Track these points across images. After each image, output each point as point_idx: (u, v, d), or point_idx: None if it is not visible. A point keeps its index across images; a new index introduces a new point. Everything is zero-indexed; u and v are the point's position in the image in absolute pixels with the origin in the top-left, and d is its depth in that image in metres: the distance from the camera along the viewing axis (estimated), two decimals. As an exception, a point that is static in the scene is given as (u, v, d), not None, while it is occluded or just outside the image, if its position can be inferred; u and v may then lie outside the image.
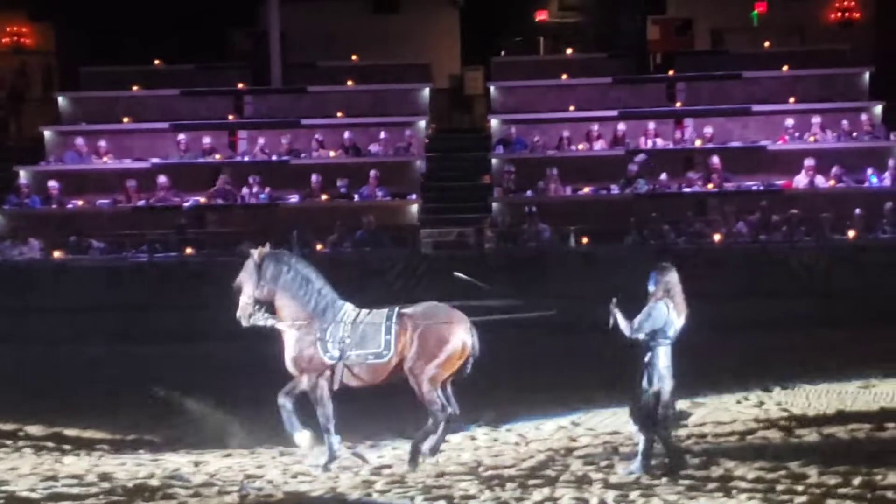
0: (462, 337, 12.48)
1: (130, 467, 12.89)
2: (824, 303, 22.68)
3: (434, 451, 12.55)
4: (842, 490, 11.13)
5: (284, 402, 12.62)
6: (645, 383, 11.67)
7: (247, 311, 12.70)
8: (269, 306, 12.76)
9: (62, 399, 16.91)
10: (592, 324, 12.02)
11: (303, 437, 12.64)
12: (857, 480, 11.39)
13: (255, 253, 12.74)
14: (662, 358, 11.64)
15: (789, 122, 28.15)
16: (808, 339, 20.73)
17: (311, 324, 12.55)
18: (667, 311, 11.58)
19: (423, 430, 12.55)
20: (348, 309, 12.66)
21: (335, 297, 12.68)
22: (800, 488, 11.21)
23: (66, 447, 13.96)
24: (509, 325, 12.89)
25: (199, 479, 12.35)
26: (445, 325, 12.47)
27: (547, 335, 13.09)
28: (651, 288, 11.72)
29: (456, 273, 13.09)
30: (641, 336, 11.61)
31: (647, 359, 11.66)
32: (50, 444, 14.11)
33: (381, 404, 14.24)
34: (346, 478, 12.21)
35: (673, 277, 11.72)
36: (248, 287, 12.69)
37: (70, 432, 14.77)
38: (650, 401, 11.61)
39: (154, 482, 12.22)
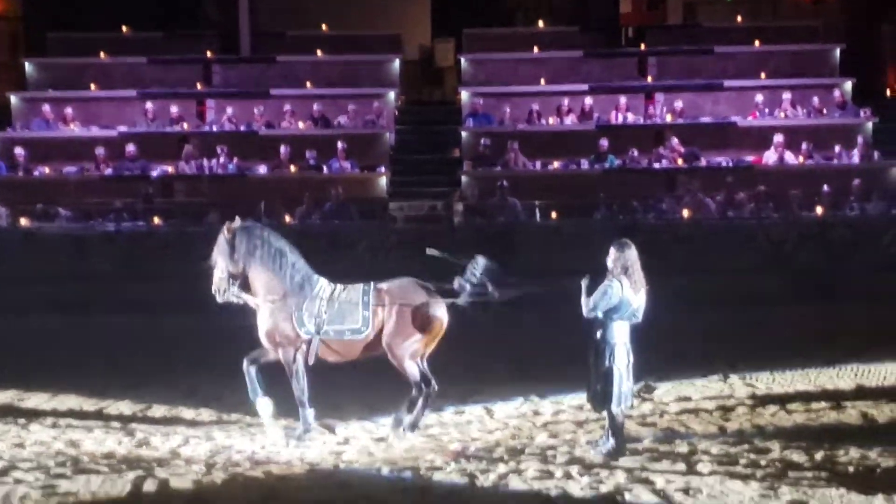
0: (441, 313, 12.51)
1: (98, 436, 12.88)
2: (791, 279, 22.76)
3: (414, 425, 12.58)
4: (804, 465, 11.24)
5: (249, 367, 12.65)
6: (595, 359, 11.68)
7: (221, 287, 12.65)
8: (244, 280, 12.71)
9: (27, 368, 16.80)
10: (560, 297, 12.01)
11: (264, 403, 12.65)
12: (819, 455, 11.51)
13: (225, 228, 12.68)
14: (618, 334, 11.61)
15: (759, 97, 28.21)
16: (775, 316, 20.81)
17: (286, 299, 12.52)
18: (621, 289, 11.54)
19: (408, 400, 12.62)
20: (324, 284, 12.64)
21: (310, 272, 12.65)
22: (763, 462, 11.32)
23: (33, 416, 13.90)
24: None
25: (167, 447, 12.36)
26: (425, 301, 12.49)
27: (514, 309, 13.12)
28: (609, 264, 11.71)
29: (429, 249, 13.02)
30: (598, 315, 11.59)
31: (598, 335, 11.64)
32: (16, 413, 14.05)
33: (349, 377, 14.24)
34: (314, 448, 12.25)
35: (632, 255, 11.65)
36: (221, 262, 12.63)
37: (36, 401, 14.72)
38: (603, 377, 11.60)
39: (122, 450, 12.22)
